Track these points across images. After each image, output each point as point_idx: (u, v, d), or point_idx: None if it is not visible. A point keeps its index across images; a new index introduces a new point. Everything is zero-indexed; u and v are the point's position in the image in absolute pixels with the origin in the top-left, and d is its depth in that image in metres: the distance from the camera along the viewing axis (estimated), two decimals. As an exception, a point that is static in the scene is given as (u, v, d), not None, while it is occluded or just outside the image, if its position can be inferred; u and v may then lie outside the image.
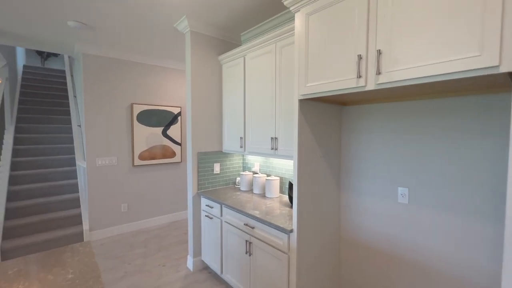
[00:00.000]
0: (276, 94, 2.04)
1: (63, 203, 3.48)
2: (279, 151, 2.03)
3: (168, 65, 3.84)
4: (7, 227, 2.97)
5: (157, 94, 3.78)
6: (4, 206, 3.10)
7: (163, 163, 3.83)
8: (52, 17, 2.38)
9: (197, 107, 2.54)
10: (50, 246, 3.04)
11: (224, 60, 2.61)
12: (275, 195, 2.33)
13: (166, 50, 3.34)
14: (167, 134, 3.84)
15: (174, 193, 4.03)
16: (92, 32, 2.73)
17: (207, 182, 2.65)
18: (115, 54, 3.35)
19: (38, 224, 3.15)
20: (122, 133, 3.49)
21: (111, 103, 3.39)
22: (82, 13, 2.31)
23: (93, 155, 3.27)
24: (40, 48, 3.27)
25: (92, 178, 3.28)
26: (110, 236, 3.41)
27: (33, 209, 3.29)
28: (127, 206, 3.56)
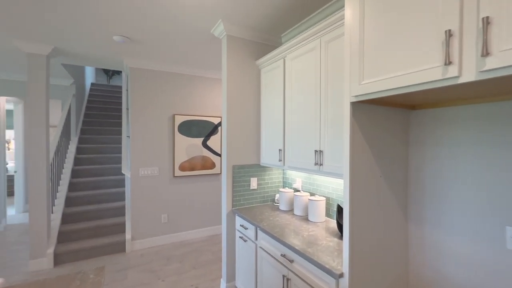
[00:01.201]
0: (320, 98, 1.70)
1: (111, 210, 3.64)
2: (325, 167, 1.66)
3: (209, 74, 3.80)
4: (62, 232, 3.18)
5: (198, 104, 3.76)
6: (61, 211, 3.35)
7: (203, 174, 3.75)
8: (99, 32, 2.49)
9: (233, 116, 2.35)
10: (96, 253, 3.15)
11: (262, 64, 2.38)
12: (320, 219, 1.94)
13: (206, 60, 3.28)
14: (207, 144, 3.77)
15: (214, 205, 3.90)
16: (135, 45, 2.81)
17: (243, 198, 2.40)
18: (158, 66, 3.44)
19: (89, 230, 3.32)
20: (164, 143, 3.52)
21: (154, 114, 3.46)
22: (124, 26, 2.35)
23: (136, 165, 3.35)
24: (96, 65, 3.54)
25: (135, 187, 3.35)
26: (150, 247, 3.41)
27: (86, 215, 3.50)
28: (167, 217, 3.54)
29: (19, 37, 2.60)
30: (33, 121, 2.83)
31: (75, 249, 3.03)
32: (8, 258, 3.12)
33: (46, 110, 2.89)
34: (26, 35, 2.55)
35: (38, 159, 2.83)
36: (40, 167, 2.84)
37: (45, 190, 2.86)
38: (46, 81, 2.89)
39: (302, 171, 1.89)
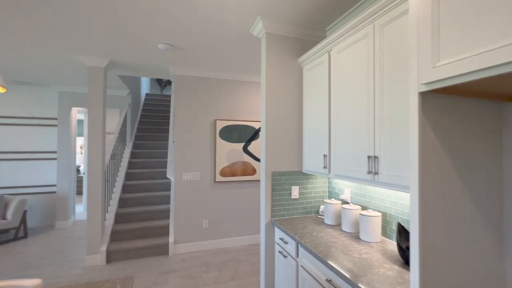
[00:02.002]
0: (374, 94, 1.42)
1: (158, 213, 3.79)
2: (381, 177, 1.36)
3: (249, 78, 3.73)
4: (115, 231, 3.40)
5: (239, 109, 3.70)
6: (115, 211, 3.61)
7: (244, 180, 3.66)
8: (145, 42, 2.61)
9: (272, 118, 2.18)
10: (143, 254, 3.28)
11: (305, 61, 2.17)
12: (374, 239, 1.62)
13: (246, 63, 3.21)
14: (248, 150, 3.68)
15: (254, 213, 3.76)
16: (179, 53, 2.88)
17: (283, 208, 2.19)
18: (200, 72, 3.49)
19: (138, 231, 3.50)
20: (206, 149, 3.54)
21: (197, 119, 3.51)
22: (167, 34, 2.41)
23: (180, 169, 3.43)
24: (146, 75, 3.78)
25: (178, 192, 3.42)
26: (191, 252, 3.42)
27: (136, 216, 3.70)
28: (208, 222, 3.53)
29: (83, 53, 2.89)
30: (92, 128, 3.10)
31: (125, 248, 3.20)
32: (71, 252, 3.46)
33: (103, 118, 3.15)
34: (87, 50, 2.82)
35: (95, 163, 3.09)
36: (97, 170, 3.09)
37: (100, 191, 3.10)
38: (103, 92, 3.16)
39: (352, 180, 1.61)
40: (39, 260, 3.19)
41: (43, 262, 3.14)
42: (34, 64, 3.28)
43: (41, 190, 4.57)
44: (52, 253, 3.41)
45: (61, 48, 2.74)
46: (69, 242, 3.81)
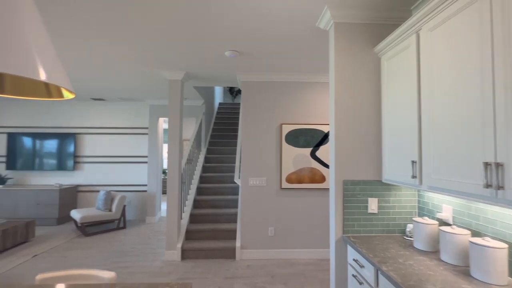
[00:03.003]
0: (494, 76, 1.01)
1: (227, 216, 3.90)
2: (508, 193, 0.95)
3: (316, 78, 3.47)
4: (189, 230, 3.66)
5: (306, 112, 3.49)
6: (189, 212, 3.89)
7: (312, 188, 3.39)
8: (213, 51, 2.72)
9: (342, 119, 1.90)
10: (212, 255, 3.40)
11: (384, 49, 1.82)
12: (496, 280, 1.15)
13: (313, 63, 2.99)
14: (316, 155, 3.40)
15: (324, 225, 3.43)
16: (245, 59, 2.90)
17: (358, 223, 1.86)
18: (265, 77, 3.45)
19: (208, 232, 3.67)
20: (272, 154, 3.45)
21: (263, 124, 3.47)
22: (233, 40, 2.45)
23: (246, 174, 3.44)
24: (217, 84, 4.00)
25: (244, 197, 3.43)
26: (257, 259, 3.35)
27: (207, 218, 3.91)
28: (274, 230, 3.40)
29: (165, 68, 3.25)
30: (171, 135, 3.44)
31: (197, 248, 3.39)
32: (155, 245, 3.90)
33: (180, 126, 3.47)
34: (168, 65, 3.15)
35: (173, 166, 3.41)
36: (174, 173, 3.40)
37: (177, 192, 3.39)
38: (181, 102, 3.49)
39: (456, 195, 1.20)
40: (131, 250, 3.71)
41: (134, 252, 3.62)
42: (132, 83, 3.90)
43: (136, 188, 5.40)
44: (141, 244, 3.92)
45: (150, 66, 3.15)
46: (154, 236, 4.32)
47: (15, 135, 5.27)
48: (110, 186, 5.37)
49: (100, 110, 5.44)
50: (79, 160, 5.38)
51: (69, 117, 5.42)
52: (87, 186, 5.37)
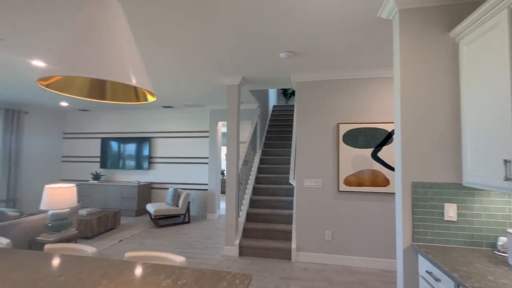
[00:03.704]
0: None
1: (282, 217, 3.92)
2: None
3: (376, 74, 3.22)
4: (246, 228, 3.80)
5: (365, 110, 3.26)
6: (246, 211, 4.04)
7: (373, 191, 3.14)
8: (269, 53, 2.80)
9: (410, 115, 1.73)
10: (268, 254, 3.45)
11: (463, 32, 1.59)
12: None
13: (372, 56, 2.79)
14: (377, 156, 3.14)
15: (389, 233, 3.13)
16: (299, 59, 2.90)
17: (431, 232, 1.65)
18: (320, 76, 3.36)
19: (264, 231, 3.75)
20: (328, 155, 3.33)
21: (318, 125, 3.39)
22: (288, 41, 2.48)
23: (301, 176, 3.40)
24: (271, 86, 4.08)
25: (300, 198, 3.39)
26: (313, 263, 3.26)
27: (263, 218, 4.00)
28: (331, 234, 3.26)
29: (224, 74, 3.49)
30: (229, 138, 3.65)
31: (253, 246, 3.50)
32: (215, 240, 4.17)
33: (237, 129, 3.65)
34: (226, 71, 3.38)
35: (231, 167, 3.61)
36: (232, 174, 3.59)
37: (235, 192, 3.57)
38: (238, 106, 3.68)
39: None
40: (195, 242, 4.05)
41: (197, 245, 3.95)
42: (195, 90, 4.30)
43: (198, 187, 5.88)
44: (203, 238, 4.25)
45: (210, 73, 3.43)
46: (214, 232, 4.63)
47: (106, 139, 6.36)
48: (177, 184, 5.99)
49: (169, 117, 6.14)
50: (152, 160, 6.16)
51: (145, 123, 6.27)
52: (159, 183, 6.11)
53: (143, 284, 1.14)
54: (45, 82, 0.83)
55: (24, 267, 1.29)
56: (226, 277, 1.23)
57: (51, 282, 1.14)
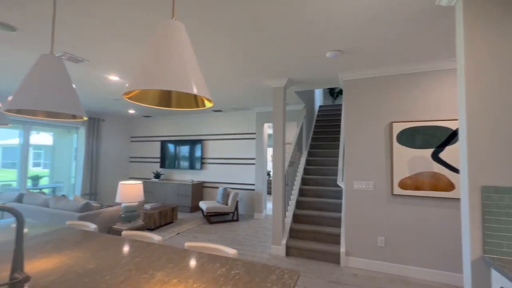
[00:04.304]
0: None
1: (329, 220, 3.82)
2: None
3: (435, 66, 2.91)
4: (292, 229, 3.81)
5: (423, 106, 2.98)
6: (293, 212, 4.06)
7: (434, 196, 2.84)
8: (315, 54, 2.79)
9: (478, 110, 1.55)
10: (315, 256, 3.41)
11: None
12: None
13: (429, 47, 2.54)
14: (439, 158, 2.84)
15: (453, 243, 2.79)
16: (347, 57, 2.82)
17: (508, 243, 1.45)
18: (369, 73, 3.19)
19: (310, 233, 3.71)
20: (380, 156, 3.14)
21: (368, 124, 3.22)
22: (334, 40, 2.44)
23: (350, 177, 3.27)
24: (317, 87, 4.02)
25: (348, 201, 3.26)
26: (364, 269, 3.10)
27: (309, 219, 3.96)
28: (384, 240, 3.05)
29: (269, 77, 3.59)
30: (275, 139, 3.73)
31: (300, 247, 3.50)
32: (262, 239, 4.28)
33: (283, 130, 3.71)
34: (272, 74, 3.47)
35: (277, 169, 3.67)
36: (278, 175, 3.66)
37: (281, 193, 3.62)
38: (283, 107, 3.73)
39: None
40: (244, 240, 4.23)
41: (246, 242, 4.12)
42: (242, 94, 4.50)
43: (245, 187, 6.10)
44: (251, 236, 4.40)
45: (256, 77, 3.56)
46: (261, 231, 4.75)
47: (164, 142, 7.07)
48: (226, 184, 6.31)
49: (219, 120, 6.52)
50: (204, 161, 6.62)
51: (198, 127, 6.78)
52: (210, 182, 6.53)
53: (202, 270, 1.28)
54: (127, 96, 1.02)
55: (108, 248, 1.57)
56: (275, 271, 1.29)
57: (129, 262, 1.37)
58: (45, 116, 1.44)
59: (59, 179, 6.38)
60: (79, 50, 2.70)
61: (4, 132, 7.02)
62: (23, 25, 2.19)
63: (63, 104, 1.19)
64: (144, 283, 1.15)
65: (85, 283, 1.13)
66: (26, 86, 1.19)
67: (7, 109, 1.20)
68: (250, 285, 1.14)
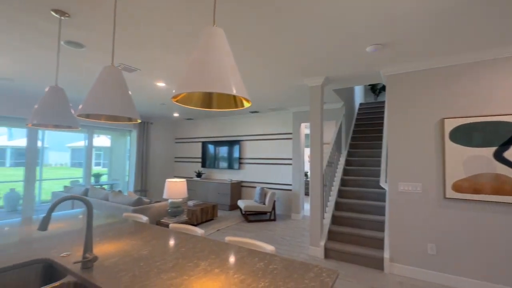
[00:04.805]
0: None
1: (371, 223, 3.63)
2: None
3: (494, 54, 2.56)
4: (331, 231, 3.71)
5: (483, 100, 2.65)
6: (331, 213, 3.94)
7: (497, 201, 2.51)
8: (352, 50, 2.69)
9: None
10: (355, 261, 3.27)
11: None
12: None
13: (489, 32, 2.25)
14: (503, 157, 2.50)
15: (524, 256, 2.43)
16: (388, 50, 2.66)
17: None
18: (415, 65, 2.95)
19: (351, 236, 3.57)
20: (429, 155, 2.88)
21: (415, 121, 2.99)
22: (374, 34, 2.33)
23: (394, 179, 3.07)
24: (358, 83, 3.86)
25: (393, 203, 3.06)
26: (411, 277, 2.87)
27: (349, 221, 3.81)
28: (435, 248, 2.79)
29: (306, 75, 3.56)
30: (312, 139, 3.68)
31: (339, 249, 3.39)
32: (299, 240, 4.25)
33: (320, 130, 3.64)
34: (309, 73, 3.43)
35: (315, 169, 3.61)
36: (316, 176, 3.59)
37: (319, 194, 3.55)
38: (321, 106, 3.66)
39: None
40: (281, 239, 4.24)
41: (283, 242, 4.13)
42: (278, 94, 4.53)
43: (282, 187, 6.10)
44: (288, 236, 4.40)
45: (293, 76, 3.56)
46: (299, 232, 4.71)
47: (205, 143, 7.45)
48: (263, 184, 6.40)
49: (256, 121, 6.65)
50: (242, 161, 6.80)
51: (236, 128, 7.00)
52: (248, 182, 6.68)
53: (241, 263, 1.35)
54: (175, 99, 1.13)
55: (158, 238, 1.73)
56: (313, 269, 1.29)
57: (176, 251, 1.50)
58: (107, 119, 1.66)
59: (115, 176, 7.17)
60: (132, 61, 3.01)
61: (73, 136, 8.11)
62: (89, 42, 2.54)
63: (122, 108, 1.37)
64: (189, 270, 1.25)
65: (140, 266, 1.27)
66: (93, 94, 1.39)
67: (78, 114, 1.42)
68: (288, 280, 1.16)
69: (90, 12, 2.01)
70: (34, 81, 3.87)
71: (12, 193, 6.32)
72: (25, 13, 2.02)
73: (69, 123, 1.84)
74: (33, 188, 5.09)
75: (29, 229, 1.85)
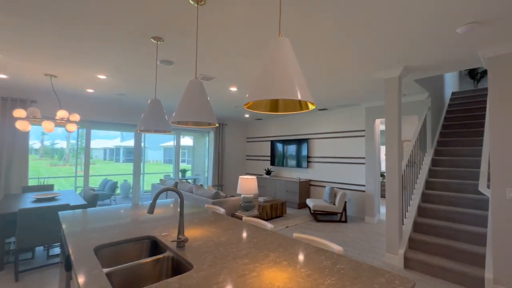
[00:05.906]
0: None
1: (467, 234, 3.08)
2: None
3: None
4: (413, 239, 3.32)
5: None
6: (413, 219, 3.52)
7: None
8: (438, 35, 2.35)
9: None
10: (445, 276, 2.84)
11: None
12: None
13: None
14: None
15: None
16: (486, 28, 2.21)
17: None
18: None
19: (439, 247, 3.11)
20: (555, 155, 2.25)
21: (532, 112, 2.38)
22: (469, 13, 1.99)
23: (501, 183, 2.52)
24: (449, 70, 3.31)
25: (498, 213, 2.52)
26: (528, 307, 2.31)
27: (436, 230, 3.33)
28: None
29: (380, 68, 3.28)
30: (388, 136, 3.36)
31: (423, 261, 3.01)
32: (374, 245, 3.95)
33: (398, 126, 3.30)
34: (383, 65, 3.16)
35: (392, 169, 3.30)
36: (393, 177, 3.28)
37: (397, 197, 3.23)
38: (398, 100, 3.31)
39: None
40: (352, 242, 4.04)
41: (354, 245, 3.92)
42: (349, 89, 4.31)
43: (354, 187, 5.75)
44: (361, 240, 4.15)
45: (364, 70, 3.34)
46: (373, 236, 4.37)
47: (273, 141, 7.68)
48: (333, 183, 6.18)
49: (324, 118, 6.46)
50: (310, 160, 6.73)
51: (304, 126, 6.97)
52: (316, 181, 6.57)
53: (308, 259, 1.41)
54: (246, 106, 1.28)
55: (234, 228, 1.96)
56: (384, 274, 1.25)
57: (249, 241, 1.67)
58: (192, 124, 1.97)
59: (197, 172, 8.20)
60: (210, 70, 3.42)
61: (164, 137, 9.66)
62: (177, 59, 3.02)
63: (204, 115, 1.62)
64: (260, 259, 1.39)
65: (220, 251, 1.49)
66: (183, 105, 1.69)
67: (172, 121, 1.75)
68: (356, 282, 1.16)
69: (178, 35, 2.41)
70: (138, 94, 4.82)
71: (126, 183, 8.01)
72: (133, 42, 2.57)
73: (165, 128, 2.27)
74: (139, 180, 6.34)
75: (138, 212, 2.36)
